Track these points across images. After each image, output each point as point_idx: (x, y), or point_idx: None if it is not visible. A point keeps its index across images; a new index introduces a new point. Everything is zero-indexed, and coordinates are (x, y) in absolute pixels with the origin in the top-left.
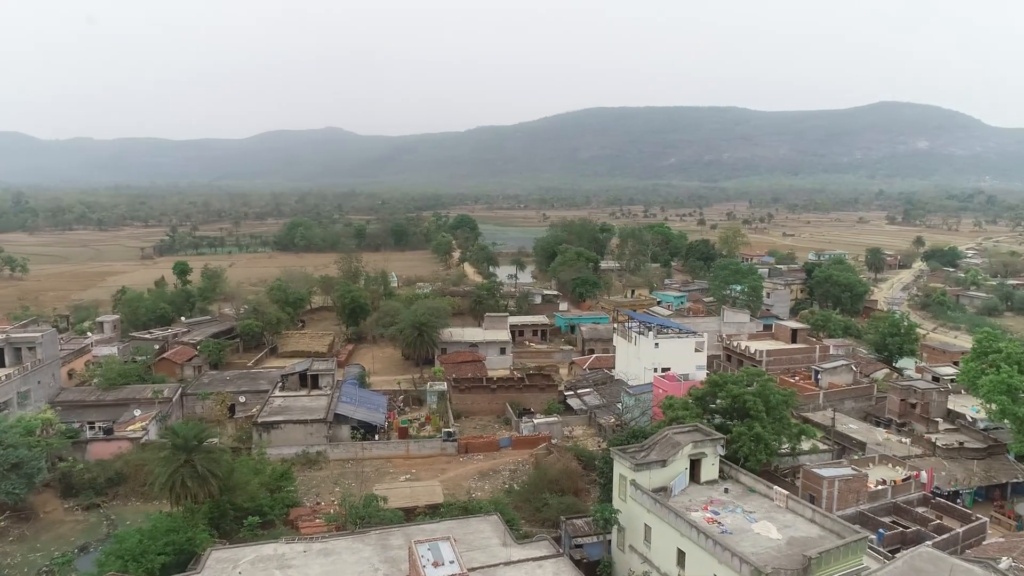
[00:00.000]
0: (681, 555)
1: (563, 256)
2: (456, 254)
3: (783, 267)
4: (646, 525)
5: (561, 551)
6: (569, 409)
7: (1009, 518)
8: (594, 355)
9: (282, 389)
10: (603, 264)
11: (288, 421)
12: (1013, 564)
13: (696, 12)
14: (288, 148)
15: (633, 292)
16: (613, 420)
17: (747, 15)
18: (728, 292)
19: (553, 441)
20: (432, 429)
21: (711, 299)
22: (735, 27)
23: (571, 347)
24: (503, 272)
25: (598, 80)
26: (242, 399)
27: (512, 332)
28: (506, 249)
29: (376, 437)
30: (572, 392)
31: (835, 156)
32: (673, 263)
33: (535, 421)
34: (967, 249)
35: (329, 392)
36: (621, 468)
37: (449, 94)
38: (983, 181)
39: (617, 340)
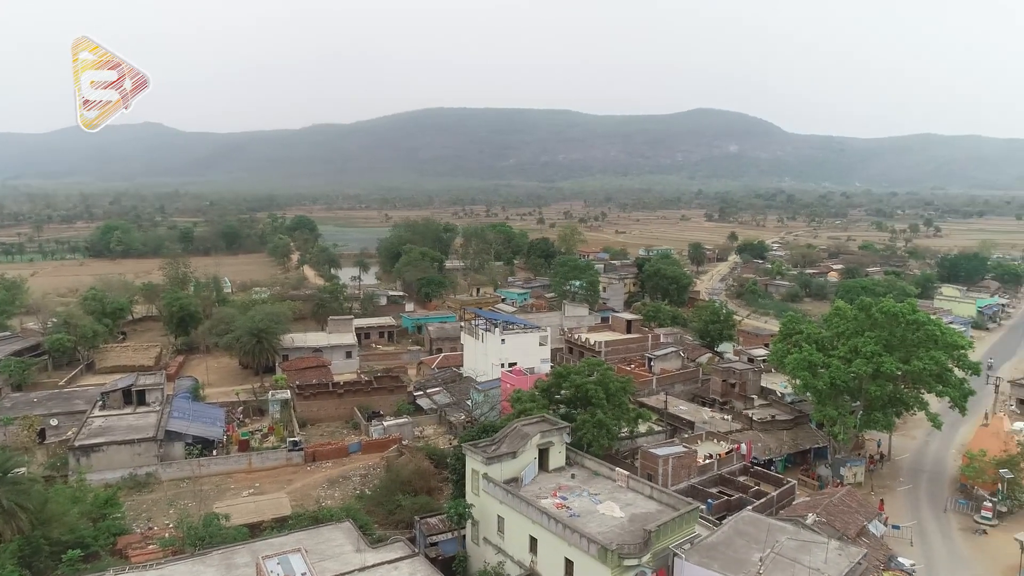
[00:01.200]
0: (533, 542)
1: (408, 256)
2: (295, 256)
3: (617, 263)
4: (499, 516)
5: (416, 551)
6: (419, 409)
7: (812, 479)
8: (442, 354)
9: (103, 408)
10: (448, 264)
11: (111, 442)
12: (816, 519)
13: (526, 15)
14: (99, 144)
15: (478, 290)
16: (463, 417)
17: (575, 23)
18: (568, 288)
19: (404, 442)
20: (276, 439)
21: (552, 295)
22: (565, 32)
23: (419, 347)
24: (346, 274)
25: (436, 80)
26: (54, 422)
27: (358, 335)
28: (348, 250)
29: (214, 452)
30: (421, 392)
31: (659, 158)
32: (516, 261)
33: (385, 423)
34: (773, 243)
35: (159, 408)
36: (473, 463)
37: (280, 91)
38: (783, 182)
39: (465, 338)
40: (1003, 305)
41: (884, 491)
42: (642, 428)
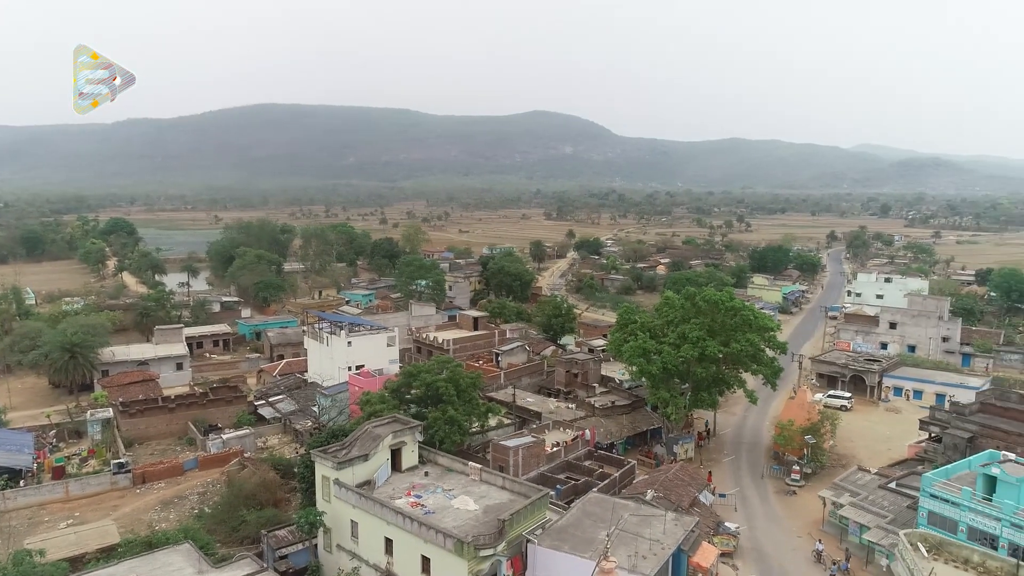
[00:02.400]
0: (389, 543)
1: (242, 260)
2: (112, 263)
3: (462, 261)
4: (352, 521)
5: (265, 566)
6: (262, 419)
7: (650, 458)
8: (284, 360)
9: None
10: (287, 266)
11: None
12: (655, 494)
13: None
14: None
15: (321, 293)
16: (310, 423)
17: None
18: (414, 287)
19: (246, 455)
20: (98, 463)
21: (398, 295)
22: (402, 30)
23: (258, 354)
24: (173, 280)
25: (267, 75)
26: None
27: (189, 344)
28: (174, 255)
29: (23, 483)
30: (263, 401)
31: (500, 159)
32: (359, 262)
33: (224, 437)
34: (607, 239)
35: None
36: (323, 469)
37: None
38: (615, 182)
39: (308, 343)
40: (803, 291)
41: (711, 464)
42: (492, 422)
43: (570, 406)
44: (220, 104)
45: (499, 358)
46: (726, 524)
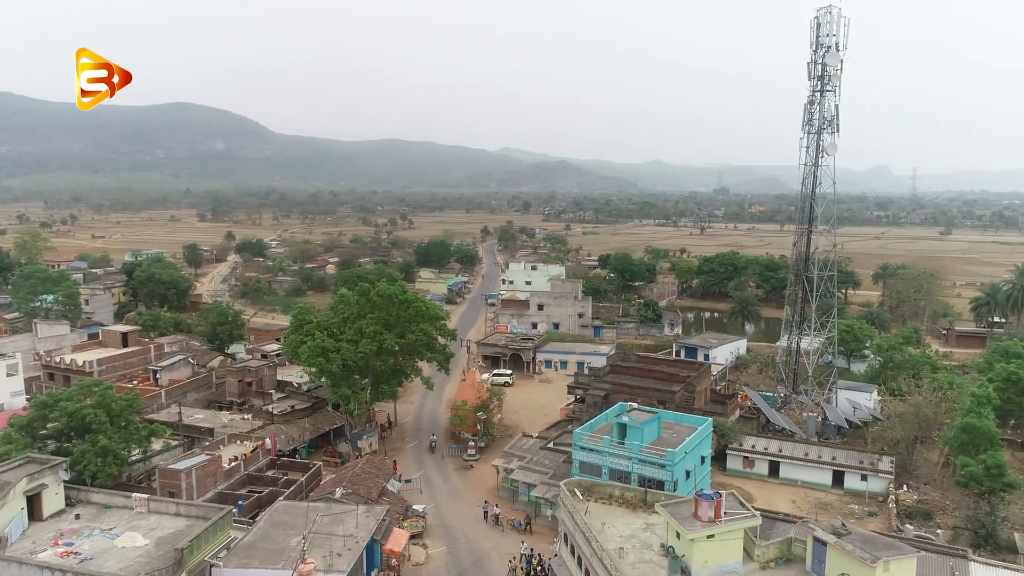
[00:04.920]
0: None
1: None
2: None
3: (99, 271)
4: None
5: None
6: None
7: (335, 457)
8: None
9: None
10: None
11: None
12: (344, 491)
13: None
14: None
15: None
16: None
17: None
18: (39, 304)
19: None
20: None
21: (17, 315)
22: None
23: None
24: None
25: None
26: None
27: None
28: None
29: None
30: None
31: (138, 154)
32: None
33: None
34: (271, 240)
35: None
36: None
37: None
38: (274, 181)
39: None
40: (465, 282)
41: (396, 452)
42: (157, 446)
43: (246, 417)
44: None
45: (157, 375)
46: (414, 507)
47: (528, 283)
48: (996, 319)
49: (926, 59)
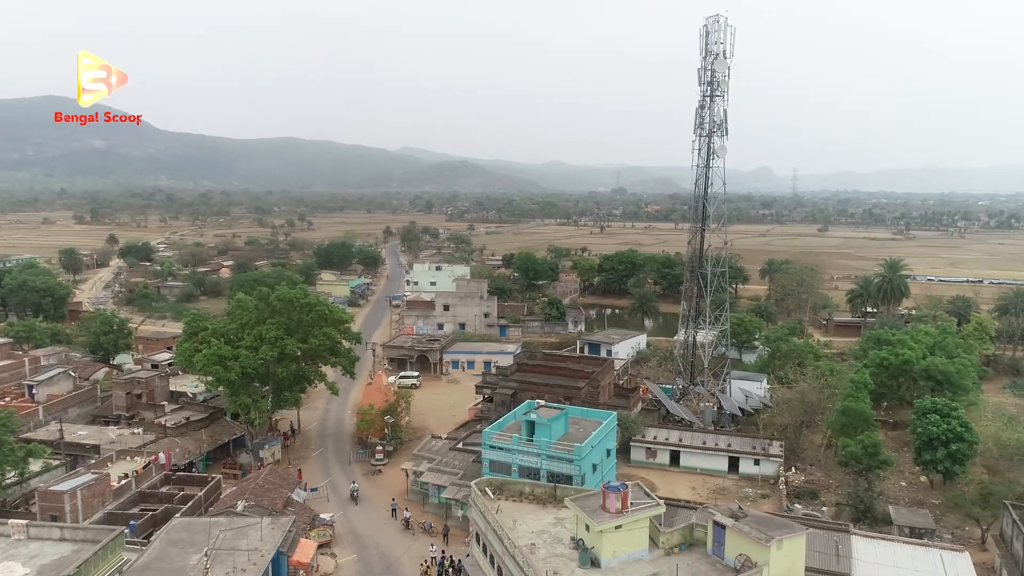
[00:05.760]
0: None
1: None
2: None
3: None
4: None
5: None
6: None
7: (235, 469)
8: None
9: None
10: None
11: None
12: (246, 503)
13: None
14: None
15: None
16: None
17: None
18: None
19: None
20: None
21: None
22: None
23: None
24: None
25: None
26: None
27: None
28: None
29: None
30: None
31: (3, 152)
32: None
33: None
34: (159, 243)
35: None
36: None
37: None
38: (160, 180)
39: None
40: (368, 284)
41: (300, 461)
42: (36, 467)
43: (136, 431)
44: None
45: (33, 390)
46: (321, 516)
47: (433, 284)
48: (869, 309)
49: (801, 66)
